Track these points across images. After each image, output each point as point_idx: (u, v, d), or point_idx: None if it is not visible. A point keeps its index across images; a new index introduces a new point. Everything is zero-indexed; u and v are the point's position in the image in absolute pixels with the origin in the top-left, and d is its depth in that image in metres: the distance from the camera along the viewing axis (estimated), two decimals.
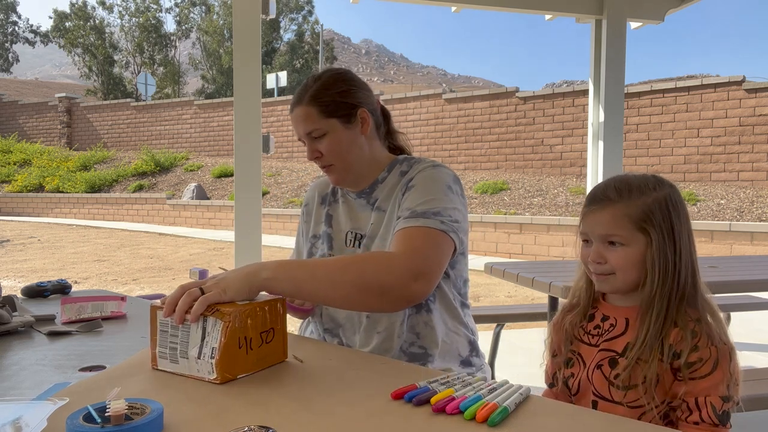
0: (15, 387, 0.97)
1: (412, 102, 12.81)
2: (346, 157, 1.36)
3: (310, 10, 35.01)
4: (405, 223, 1.21)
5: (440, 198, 1.25)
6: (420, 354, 1.31)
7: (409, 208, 1.24)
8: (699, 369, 1.04)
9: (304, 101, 1.35)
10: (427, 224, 1.19)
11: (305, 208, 1.54)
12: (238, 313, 0.97)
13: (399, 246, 1.17)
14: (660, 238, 1.08)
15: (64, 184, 15.08)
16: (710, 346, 1.04)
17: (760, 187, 8.73)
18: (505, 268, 2.53)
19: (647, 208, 1.09)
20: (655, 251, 1.08)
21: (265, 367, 1.01)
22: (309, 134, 1.35)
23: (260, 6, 3.11)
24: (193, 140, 16.75)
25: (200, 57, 33.62)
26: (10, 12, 40.19)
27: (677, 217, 1.10)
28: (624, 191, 1.11)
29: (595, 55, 3.85)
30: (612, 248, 1.10)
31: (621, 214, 1.09)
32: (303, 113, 1.35)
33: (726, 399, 1.03)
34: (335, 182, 1.41)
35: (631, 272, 1.10)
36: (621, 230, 1.09)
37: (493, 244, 8.85)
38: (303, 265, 1.16)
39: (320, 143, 1.35)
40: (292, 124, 1.40)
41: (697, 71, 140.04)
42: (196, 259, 8.32)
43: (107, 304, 1.47)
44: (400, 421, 0.81)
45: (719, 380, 1.03)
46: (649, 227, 1.08)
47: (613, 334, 1.13)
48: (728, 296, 3.37)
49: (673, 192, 1.12)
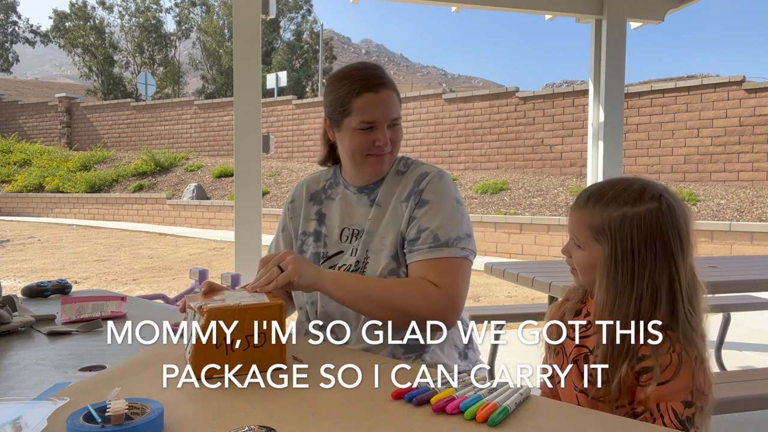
0: (15, 387, 0.97)
1: (412, 102, 12.81)
2: (399, 148, 1.41)
3: (309, 10, 35.00)
4: (431, 253, 1.29)
5: (456, 218, 1.32)
6: (417, 345, 1.32)
7: (431, 232, 1.30)
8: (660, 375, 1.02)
9: (391, 86, 1.36)
10: (452, 254, 1.28)
11: (291, 205, 1.53)
12: (218, 313, 0.97)
13: (433, 278, 1.27)
14: (611, 254, 1.07)
15: (64, 184, 15.08)
16: (671, 353, 1.03)
17: (760, 187, 8.73)
18: (505, 268, 2.53)
19: (606, 221, 1.08)
20: (604, 263, 1.09)
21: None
22: (395, 120, 1.36)
23: (260, 6, 3.11)
24: (193, 140, 16.75)
25: (200, 57, 33.61)
26: (10, 12, 40.16)
27: (642, 240, 1.06)
28: (593, 200, 1.13)
29: (595, 55, 3.85)
30: (576, 248, 1.16)
31: (584, 221, 1.13)
32: (393, 99, 1.36)
33: (688, 405, 1.02)
34: (385, 171, 1.41)
35: (588, 274, 1.14)
36: (580, 235, 1.14)
37: (493, 244, 8.85)
38: (358, 279, 1.31)
39: (394, 132, 1.37)
40: (372, 105, 1.32)
41: (697, 71, 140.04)
42: (196, 259, 8.32)
43: (107, 304, 1.47)
44: (400, 421, 0.81)
45: (681, 387, 1.02)
46: (603, 240, 1.09)
47: (589, 332, 1.15)
48: (728, 296, 3.37)
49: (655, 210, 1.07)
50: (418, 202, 1.33)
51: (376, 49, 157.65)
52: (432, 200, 1.33)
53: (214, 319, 0.96)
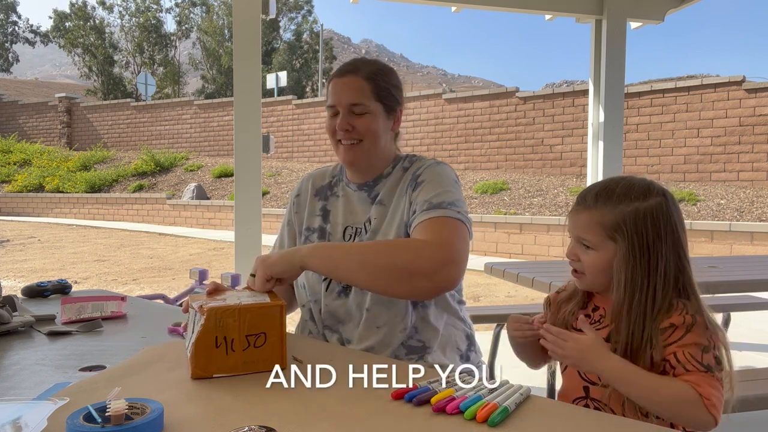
0: (15, 387, 0.97)
1: (412, 102, 12.80)
2: (375, 140, 1.37)
3: (309, 10, 35.00)
4: (425, 215, 1.24)
5: (451, 190, 1.30)
6: (418, 347, 1.32)
7: (425, 200, 1.27)
8: (671, 334, 1.05)
9: (361, 74, 1.35)
10: (445, 214, 1.24)
11: (296, 199, 1.52)
12: (217, 312, 0.97)
13: (425, 236, 1.21)
14: (628, 250, 1.08)
15: (64, 184, 15.08)
16: (685, 315, 1.05)
17: (760, 187, 8.73)
18: (505, 268, 2.53)
19: (621, 218, 1.10)
20: (621, 260, 1.09)
21: (254, 371, 0.99)
22: (352, 105, 1.34)
23: (260, 6, 3.11)
24: (193, 140, 16.75)
25: (200, 57, 33.60)
26: (10, 12, 40.14)
27: (656, 231, 1.09)
28: (602, 198, 1.13)
29: (595, 55, 3.85)
30: (585, 250, 1.14)
31: (595, 220, 1.12)
32: (357, 84, 1.34)
33: (706, 349, 1.03)
34: (352, 160, 1.38)
35: (599, 276, 1.13)
36: (592, 235, 1.12)
37: (493, 244, 8.85)
38: (338, 247, 1.27)
39: (357, 119, 1.35)
40: (333, 89, 1.36)
41: (697, 71, 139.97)
42: (196, 259, 8.32)
43: (107, 304, 1.47)
44: (400, 421, 0.81)
45: (694, 339, 1.04)
46: (619, 237, 1.09)
47: (603, 324, 1.15)
48: (728, 296, 3.37)
49: (660, 203, 1.10)
50: (415, 186, 1.33)
51: (376, 49, 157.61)
52: (427, 179, 1.32)
53: (214, 318, 0.96)
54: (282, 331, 1.02)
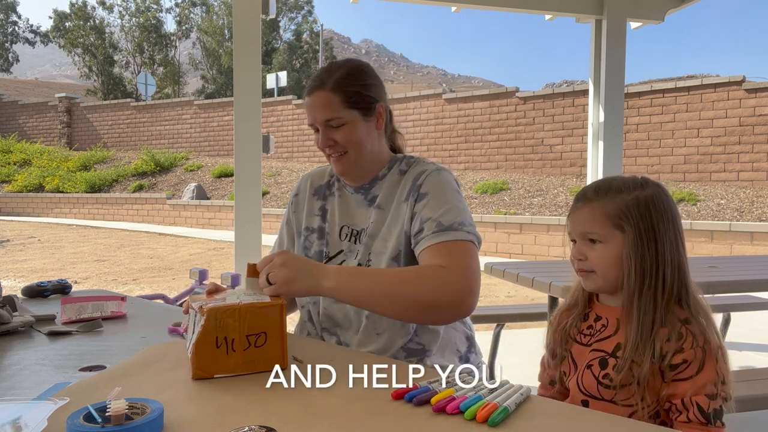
0: (15, 387, 0.97)
1: (412, 102, 12.81)
2: (360, 148, 1.34)
3: (309, 10, 35.01)
4: (437, 237, 1.23)
5: (458, 206, 1.29)
6: (418, 350, 1.31)
7: (433, 219, 1.25)
8: (684, 371, 1.05)
9: (328, 87, 1.31)
10: (458, 237, 1.23)
11: (295, 198, 1.51)
12: (217, 312, 0.97)
13: (443, 261, 1.20)
14: (636, 235, 1.10)
15: (64, 184, 15.08)
16: (696, 348, 1.05)
17: (760, 187, 8.73)
18: (505, 268, 2.53)
19: (624, 205, 1.11)
20: (631, 248, 1.10)
21: (254, 371, 0.99)
22: (327, 121, 1.32)
23: (260, 6, 3.11)
24: (193, 140, 16.75)
25: (200, 57, 33.61)
26: (10, 12, 40.15)
27: (659, 216, 1.11)
28: (602, 190, 1.15)
29: (595, 55, 3.85)
30: (592, 246, 1.14)
31: (598, 211, 1.13)
32: (325, 99, 1.31)
33: (713, 397, 1.03)
34: (342, 172, 1.38)
35: (610, 270, 1.12)
36: (598, 227, 1.13)
37: (493, 244, 8.85)
38: (362, 276, 1.21)
39: (336, 132, 1.32)
40: (307, 109, 1.35)
41: (697, 71, 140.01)
42: (196, 259, 8.32)
43: (107, 304, 1.47)
44: (400, 421, 0.81)
45: (705, 381, 1.04)
46: (625, 224, 1.10)
47: (604, 335, 1.15)
48: (728, 296, 3.37)
49: (658, 192, 1.13)
50: (417, 197, 1.31)
51: (376, 49, 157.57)
52: (431, 192, 1.30)
53: (214, 318, 0.96)
54: (282, 331, 1.02)
